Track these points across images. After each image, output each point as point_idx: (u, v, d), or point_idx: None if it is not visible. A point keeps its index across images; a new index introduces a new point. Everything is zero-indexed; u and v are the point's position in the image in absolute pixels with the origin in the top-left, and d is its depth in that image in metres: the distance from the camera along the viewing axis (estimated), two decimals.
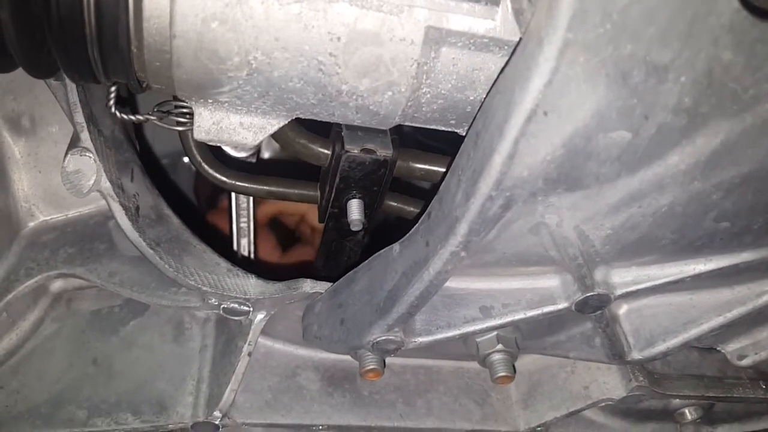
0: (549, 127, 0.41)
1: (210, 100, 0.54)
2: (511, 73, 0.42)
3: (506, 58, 0.50)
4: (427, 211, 0.57)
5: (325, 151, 0.71)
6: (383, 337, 0.62)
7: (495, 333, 0.69)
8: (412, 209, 0.82)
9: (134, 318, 0.83)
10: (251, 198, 0.96)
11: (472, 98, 0.53)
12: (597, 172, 0.46)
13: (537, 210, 0.49)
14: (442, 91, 0.53)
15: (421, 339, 0.64)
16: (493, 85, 0.49)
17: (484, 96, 0.52)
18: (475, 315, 0.62)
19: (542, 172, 0.44)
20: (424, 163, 0.75)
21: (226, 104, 0.54)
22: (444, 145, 0.79)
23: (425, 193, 0.94)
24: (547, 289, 0.60)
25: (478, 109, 0.52)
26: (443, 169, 0.75)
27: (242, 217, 0.96)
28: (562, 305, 0.60)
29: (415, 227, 0.60)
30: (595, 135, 0.42)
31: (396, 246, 0.62)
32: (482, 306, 0.62)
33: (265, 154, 1.00)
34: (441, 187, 0.55)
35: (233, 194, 0.96)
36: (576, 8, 0.36)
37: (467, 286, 0.63)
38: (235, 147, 0.60)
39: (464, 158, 0.50)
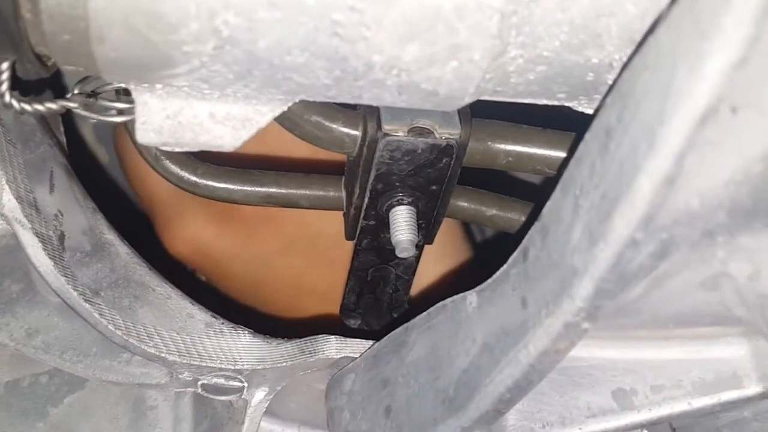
0: (740, 129, 0.39)
1: (158, 85, 0.53)
2: (670, 41, 0.41)
3: None
4: (521, 247, 0.55)
5: (352, 132, 0.69)
6: None
7: None
8: (495, 212, 0.79)
9: (71, 392, 0.82)
10: None
11: (595, 60, 0.52)
12: None
13: (715, 257, 0.47)
14: (544, 53, 0.51)
15: None
16: (635, 50, 0.48)
17: (618, 57, 0.51)
18: (607, 404, 0.61)
19: (726, 199, 0.42)
20: (514, 143, 0.71)
21: (186, 88, 0.53)
22: None
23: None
24: (727, 362, 0.60)
25: (610, 86, 0.51)
26: (544, 151, 0.71)
27: None
28: (753, 389, 0.60)
29: (502, 269, 0.57)
30: None
31: (472, 296, 0.60)
32: (618, 389, 0.61)
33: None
34: (545, 210, 0.52)
35: None
36: None
37: (592, 354, 0.61)
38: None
39: (585, 168, 0.48)
